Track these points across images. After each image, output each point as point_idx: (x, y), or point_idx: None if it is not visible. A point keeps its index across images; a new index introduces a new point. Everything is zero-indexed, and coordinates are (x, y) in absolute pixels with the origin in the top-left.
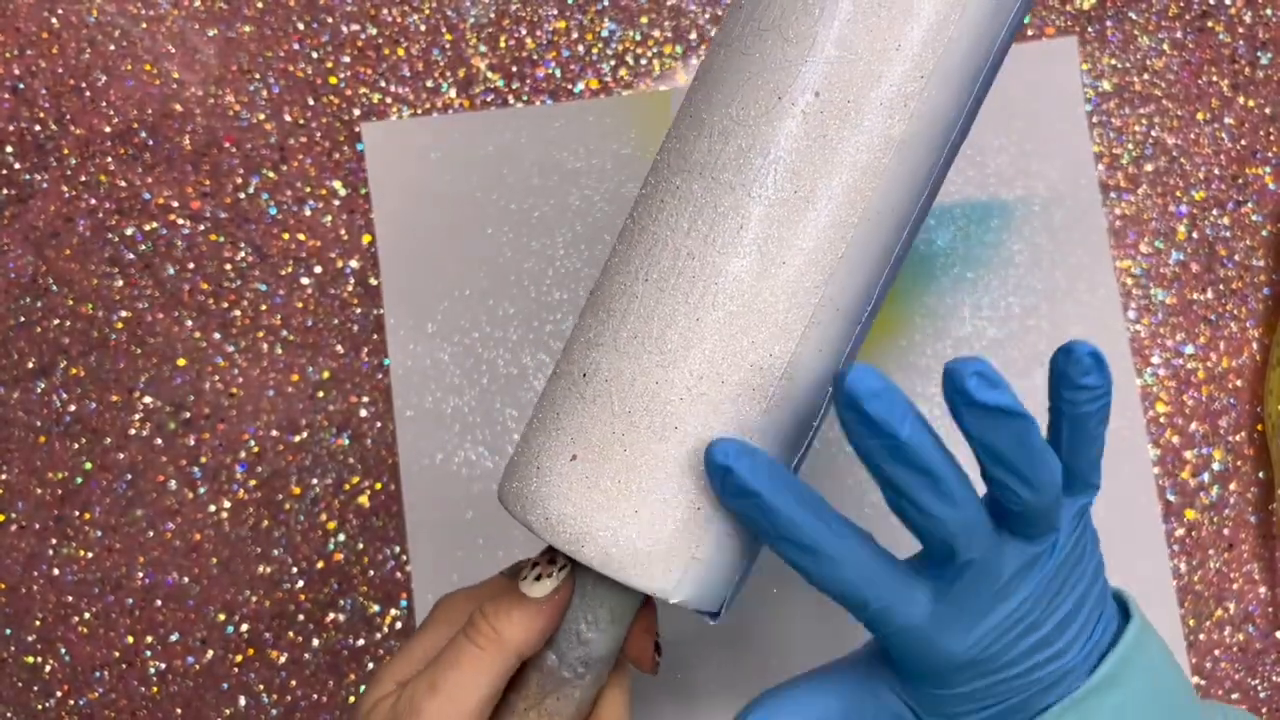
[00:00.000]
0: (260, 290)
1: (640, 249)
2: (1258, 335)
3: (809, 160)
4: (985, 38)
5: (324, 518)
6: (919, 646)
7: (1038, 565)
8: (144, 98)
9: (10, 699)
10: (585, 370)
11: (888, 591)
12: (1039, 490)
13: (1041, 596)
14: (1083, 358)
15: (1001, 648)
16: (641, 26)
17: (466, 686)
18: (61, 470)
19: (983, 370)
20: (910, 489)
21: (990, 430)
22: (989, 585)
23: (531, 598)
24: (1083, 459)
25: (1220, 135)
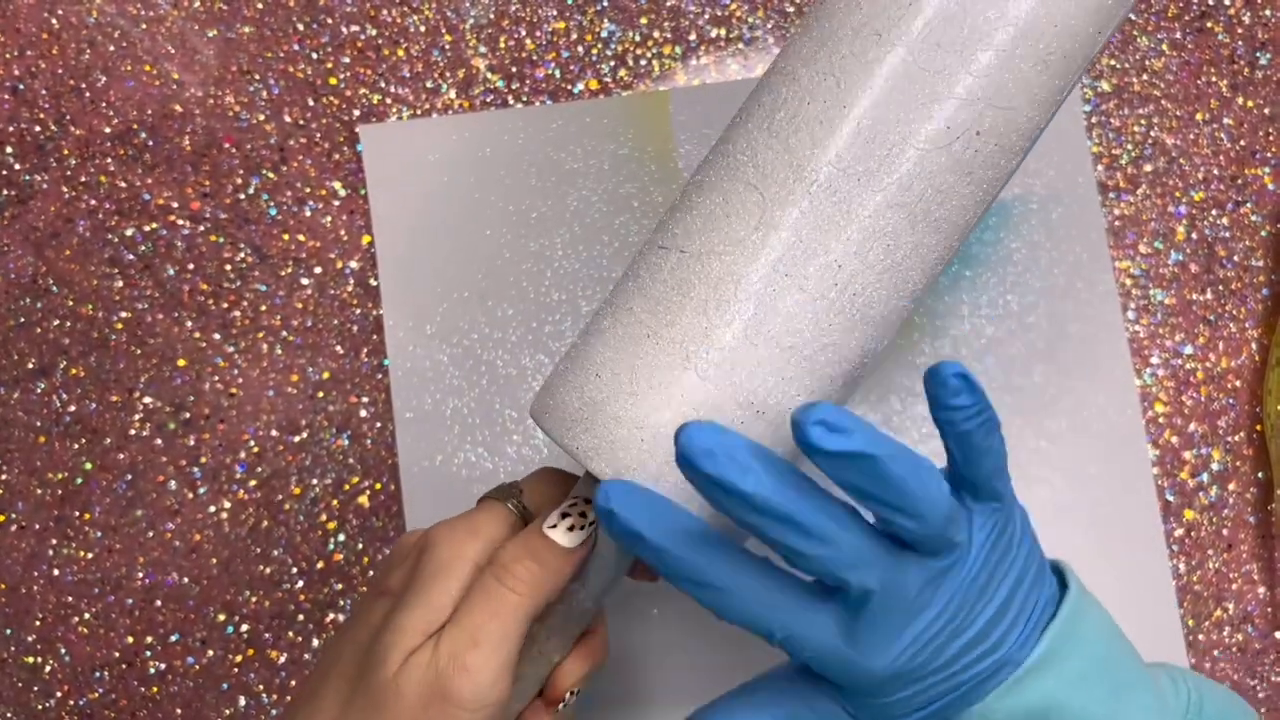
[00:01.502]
0: (260, 291)
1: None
2: (1257, 336)
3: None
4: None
5: (324, 518)
6: (838, 665)
7: (948, 577)
8: (144, 98)
9: (10, 699)
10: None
11: (791, 619)
12: (921, 518)
13: (961, 604)
14: (948, 379)
15: (928, 656)
16: (641, 27)
17: (509, 635)
18: (61, 470)
19: (825, 418)
20: (776, 536)
21: (847, 473)
22: (897, 605)
23: (564, 546)
24: (979, 471)
25: (1219, 136)
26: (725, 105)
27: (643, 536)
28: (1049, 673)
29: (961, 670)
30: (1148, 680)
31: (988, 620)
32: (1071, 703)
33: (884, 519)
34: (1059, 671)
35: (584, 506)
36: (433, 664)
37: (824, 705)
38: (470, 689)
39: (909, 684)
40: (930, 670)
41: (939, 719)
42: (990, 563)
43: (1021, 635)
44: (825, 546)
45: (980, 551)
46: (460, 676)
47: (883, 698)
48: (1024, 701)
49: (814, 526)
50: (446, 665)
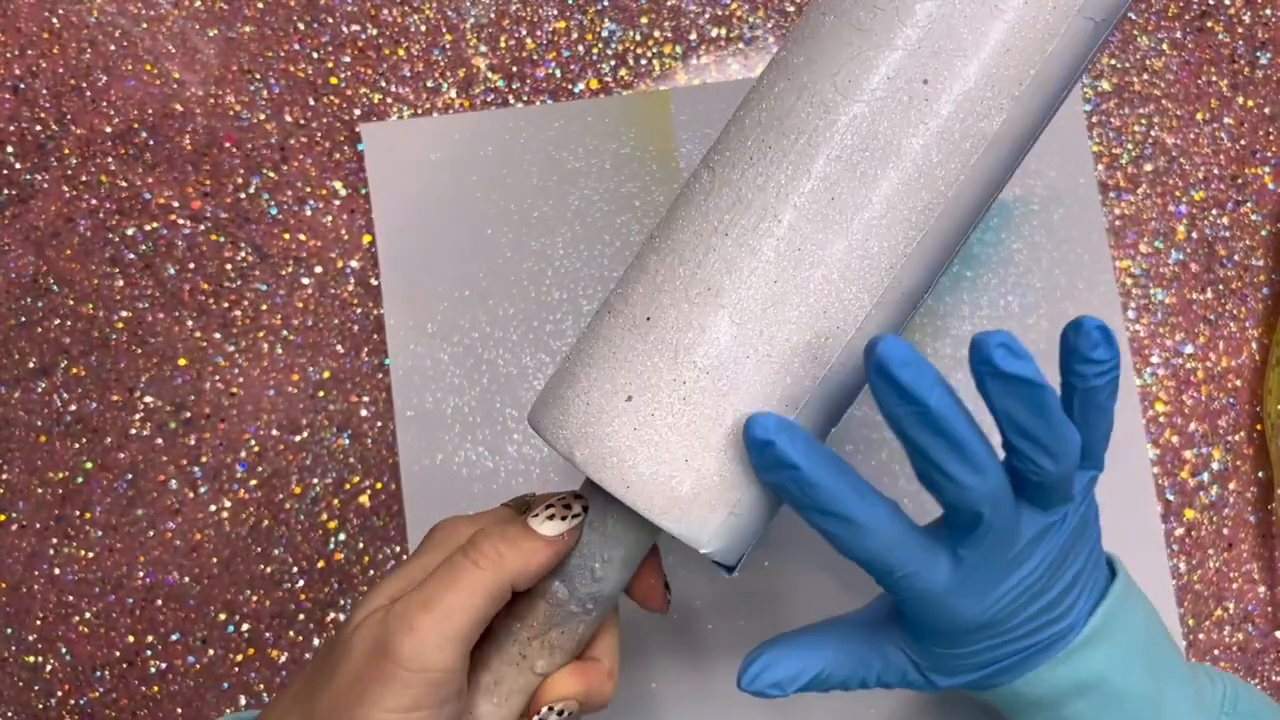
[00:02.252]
0: (261, 290)
1: (722, 202)
2: (1257, 335)
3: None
4: (1081, 53)
5: (324, 517)
6: (936, 610)
7: (1050, 534)
8: (144, 98)
9: (11, 698)
10: (650, 314)
11: (913, 559)
12: (1058, 460)
13: (1052, 564)
14: (1091, 331)
15: (1012, 611)
16: (641, 27)
17: (461, 606)
18: (62, 470)
19: (1007, 342)
20: (937, 456)
21: (1013, 399)
22: (1006, 552)
23: (540, 534)
24: (1093, 433)
25: (1219, 135)
26: (726, 105)
27: (799, 467)
28: (1098, 648)
29: (1032, 632)
30: (1186, 670)
31: (1064, 587)
32: (1116, 679)
33: (1023, 455)
34: (1107, 648)
35: (570, 499)
36: (384, 621)
37: (894, 653)
38: (411, 647)
39: (987, 637)
40: (1009, 627)
41: (990, 682)
42: (1077, 531)
43: (1084, 610)
44: (977, 475)
45: (1074, 516)
46: (403, 633)
47: (958, 648)
48: (1072, 673)
49: (974, 454)
50: (394, 622)
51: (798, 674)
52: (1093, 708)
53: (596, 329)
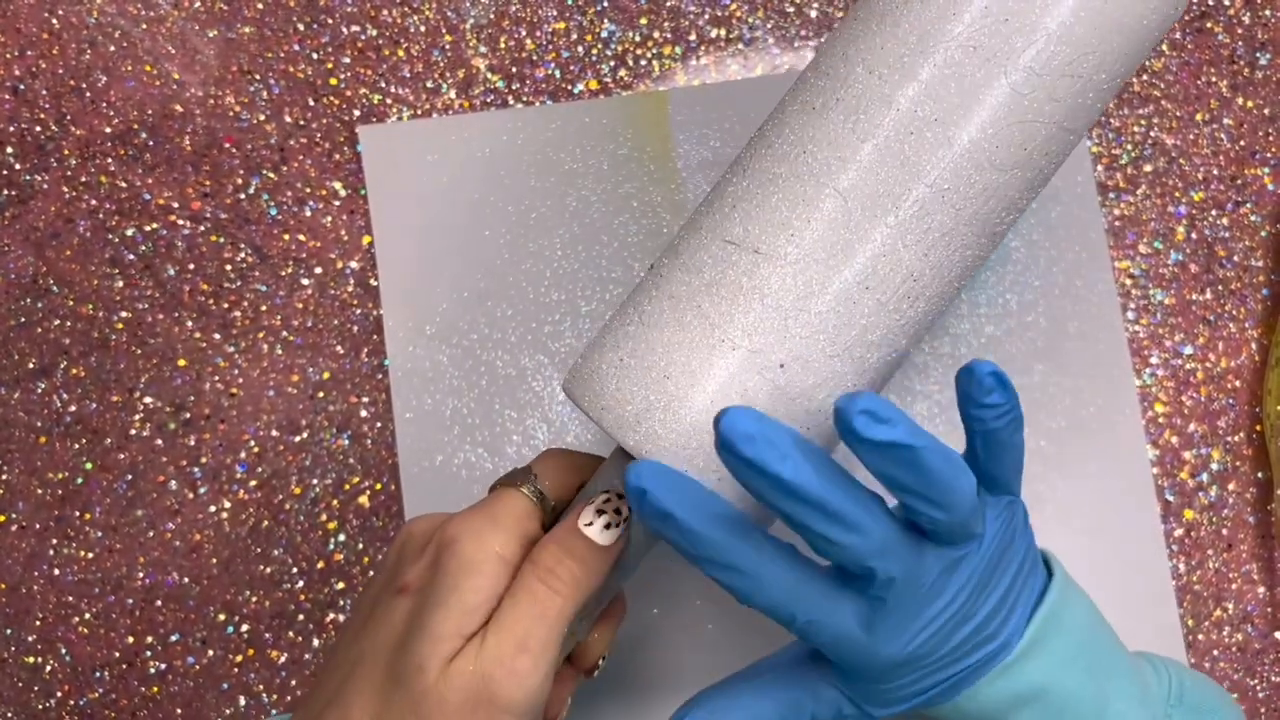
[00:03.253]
0: (260, 291)
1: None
2: (1256, 336)
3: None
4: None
5: (324, 518)
6: (852, 652)
7: (963, 565)
8: (144, 99)
9: (10, 699)
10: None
11: (813, 606)
12: (949, 510)
13: (971, 593)
14: (984, 378)
15: (935, 643)
16: (641, 28)
17: (555, 639)
18: (62, 470)
19: (869, 407)
20: (809, 523)
21: (886, 464)
22: (914, 592)
23: (600, 544)
24: (1001, 468)
25: (1219, 136)
26: (724, 105)
27: (673, 516)
28: (1036, 658)
29: (962, 657)
30: (1130, 666)
31: (990, 609)
32: (1057, 686)
33: (913, 509)
34: (1045, 657)
35: (618, 503)
36: (479, 670)
37: (825, 690)
38: (522, 694)
39: (914, 670)
40: (935, 658)
41: (931, 705)
42: (997, 554)
43: (1018, 625)
44: (855, 534)
45: (991, 543)
46: (510, 681)
47: (886, 684)
48: (1012, 686)
49: (846, 514)
50: (494, 670)
51: None
52: (1037, 718)
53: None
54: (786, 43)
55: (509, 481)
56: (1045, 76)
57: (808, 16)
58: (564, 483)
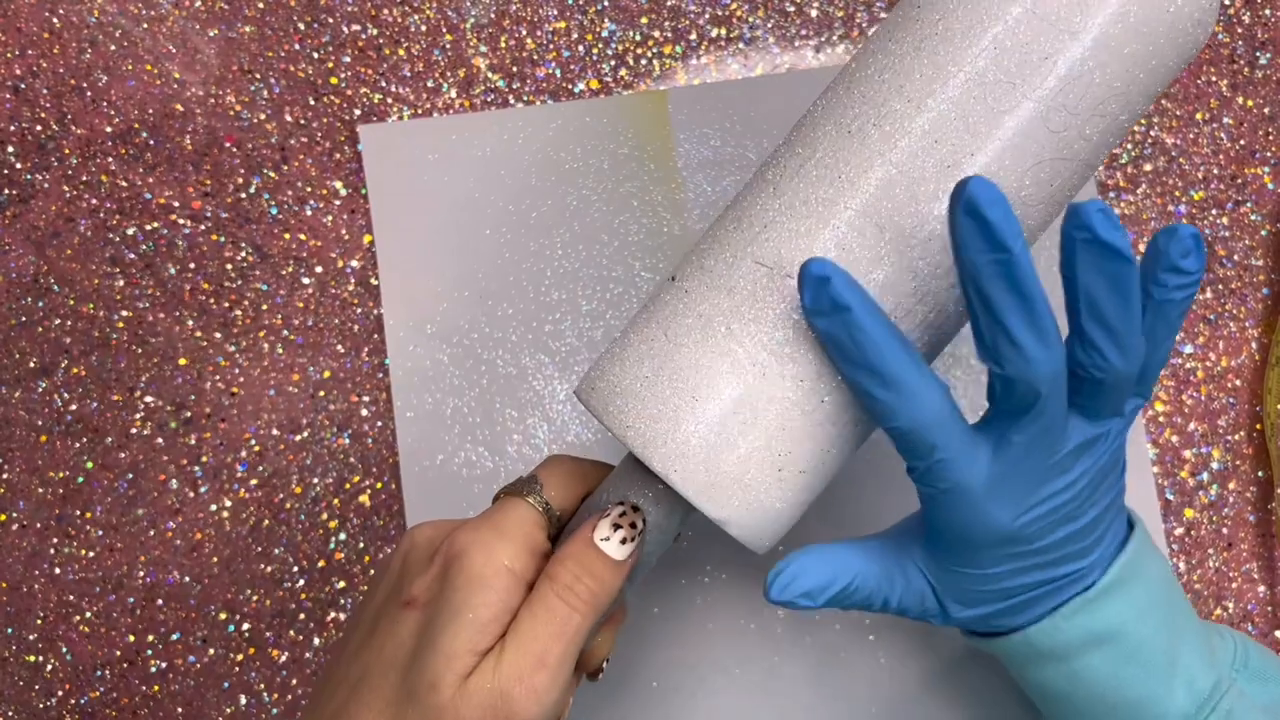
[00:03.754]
0: (261, 290)
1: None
2: (1256, 335)
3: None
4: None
5: (325, 517)
6: (967, 511)
7: (1094, 448)
8: (145, 98)
9: (11, 698)
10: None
11: (955, 441)
12: (1126, 355)
13: (1089, 484)
14: (1185, 239)
15: (1042, 529)
16: (641, 27)
17: (571, 654)
18: (63, 469)
19: (1106, 209)
20: (1009, 317)
21: (1100, 275)
22: (1048, 454)
23: (615, 559)
24: (1155, 354)
25: (1219, 135)
26: (725, 105)
27: (851, 310)
28: (1117, 598)
29: (1056, 561)
30: (1200, 626)
31: (1094, 516)
32: (1134, 630)
33: (1093, 344)
34: (1126, 599)
35: (633, 516)
36: (496, 686)
37: (916, 577)
38: (540, 710)
39: (1011, 558)
40: (1035, 549)
41: (1004, 621)
42: (1114, 460)
43: (1105, 553)
44: (1045, 348)
45: (1116, 441)
46: (529, 698)
47: (982, 566)
48: (1089, 623)
49: (1045, 322)
50: (513, 687)
51: (828, 583)
52: (1107, 661)
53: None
54: (787, 42)
55: (514, 491)
56: (1078, 115)
57: (808, 16)
58: (569, 492)
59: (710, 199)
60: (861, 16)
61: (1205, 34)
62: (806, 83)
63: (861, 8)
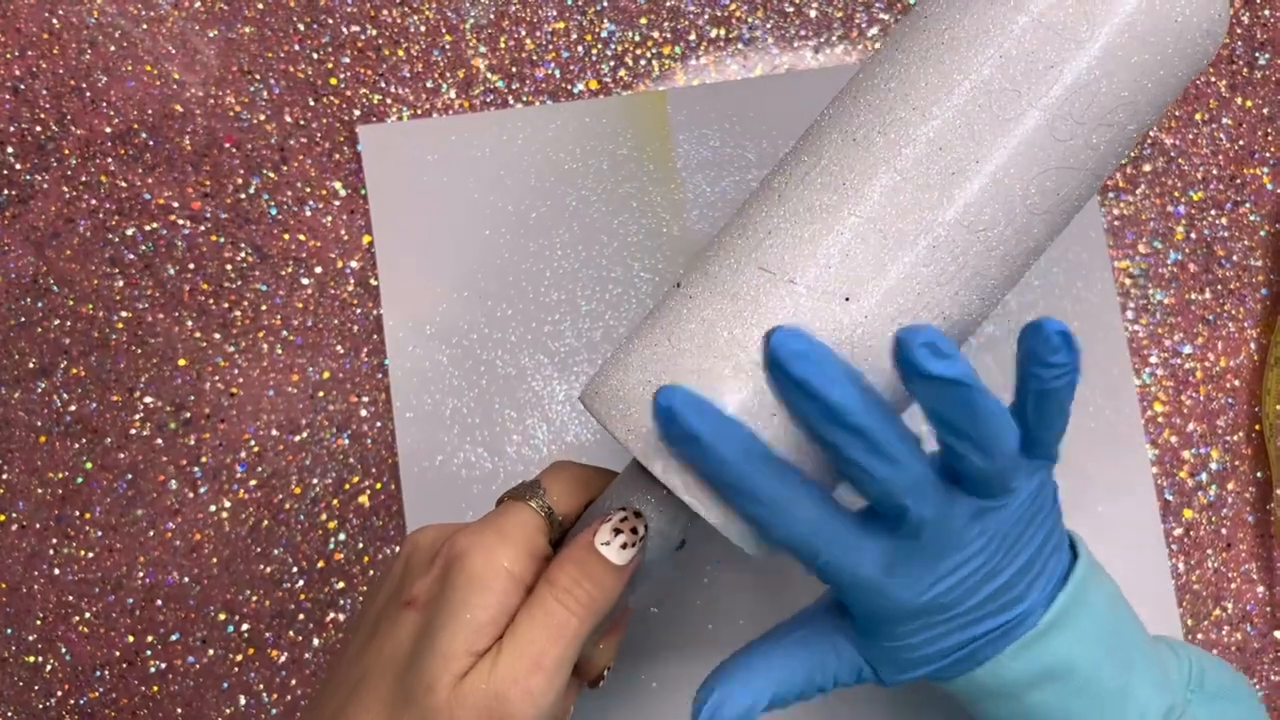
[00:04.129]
0: (260, 290)
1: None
2: (1255, 335)
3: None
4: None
5: (324, 517)
6: (871, 597)
7: (989, 517)
8: (144, 98)
9: (11, 698)
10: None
11: (838, 545)
12: (992, 456)
13: (998, 549)
14: (1051, 335)
15: (958, 595)
16: (641, 27)
17: (568, 658)
18: (62, 470)
19: (932, 340)
20: (849, 451)
21: (940, 400)
22: (941, 538)
23: (616, 564)
24: (1047, 430)
25: (1218, 136)
26: (724, 105)
27: (700, 440)
28: (1061, 634)
29: (984, 618)
30: (1152, 650)
31: (1016, 570)
32: (1080, 664)
33: (954, 452)
34: (1070, 633)
35: (635, 521)
36: (491, 688)
37: (847, 649)
38: (535, 712)
39: (934, 624)
40: (957, 613)
41: (947, 673)
42: (1028, 515)
43: (1043, 594)
44: (893, 468)
45: (1023, 503)
46: (524, 701)
47: (906, 638)
48: (1035, 661)
49: (887, 446)
50: (508, 689)
51: (755, 701)
52: (1057, 696)
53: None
54: (786, 43)
55: (517, 495)
56: (1084, 124)
57: (807, 16)
58: (573, 498)
59: (709, 199)
60: (861, 17)
61: (1215, 44)
62: (806, 83)
63: (861, 8)
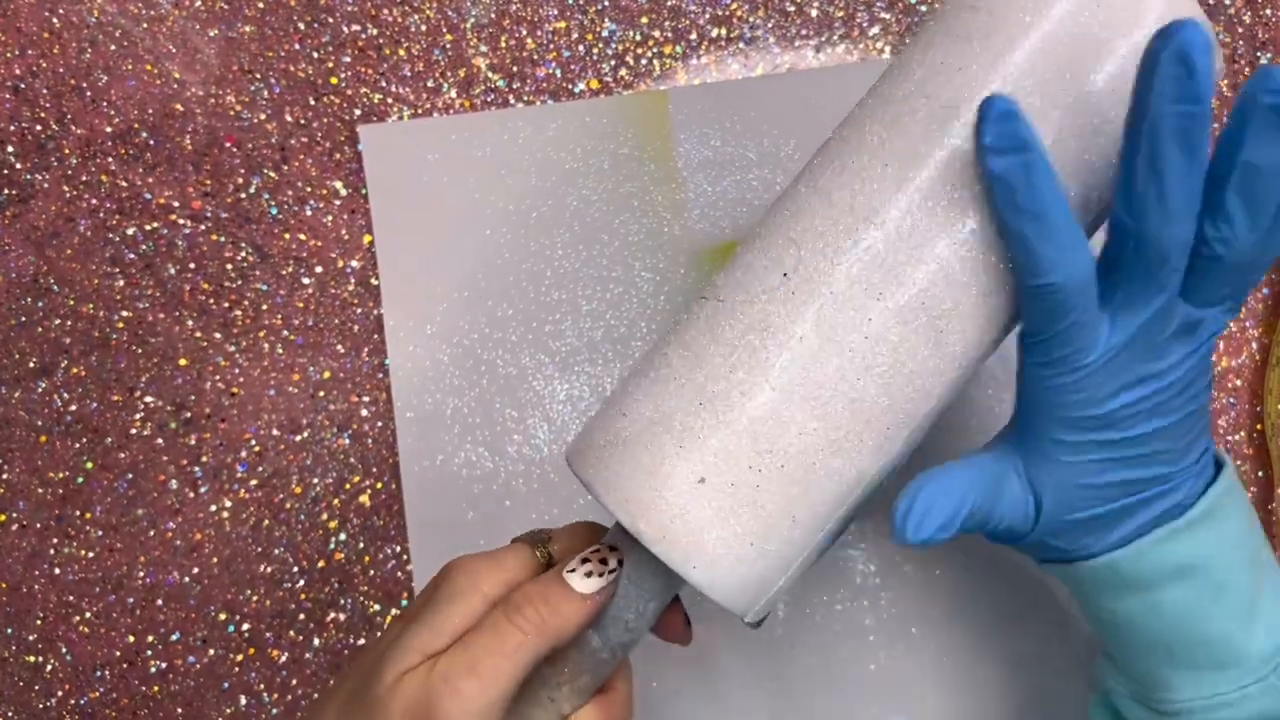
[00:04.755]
0: (261, 290)
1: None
2: (1257, 335)
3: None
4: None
5: (325, 517)
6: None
7: (1193, 335)
8: (145, 98)
9: (11, 698)
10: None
11: (1091, 308)
12: (1255, 227)
13: (1182, 376)
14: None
15: (1134, 415)
16: (641, 27)
17: (507, 672)
18: (63, 470)
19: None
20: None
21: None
22: (1157, 333)
23: (579, 592)
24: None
25: None
26: (725, 105)
27: (1033, 149)
28: (1207, 530)
29: (1147, 459)
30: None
31: (1183, 417)
32: (1220, 565)
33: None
34: (1216, 532)
35: (606, 554)
36: (425, 683)
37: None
38: (459, 712)
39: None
40: (1126, 438)
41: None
42: (1204, 364)
43: (1194, 469)
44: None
45: (1209, 343)
46: (450, 698)
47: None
48: (1178, 551)
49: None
50: (438, 685)
51: (955, 512)
52: (1189, 594)
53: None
54: (787, 42)
55: (525, 538)
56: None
57: (808, 16)
58: (575, 549)
59: (710, 199)
60: (862, 16)
61: None
62: (807, 83)
63: (862, 8)
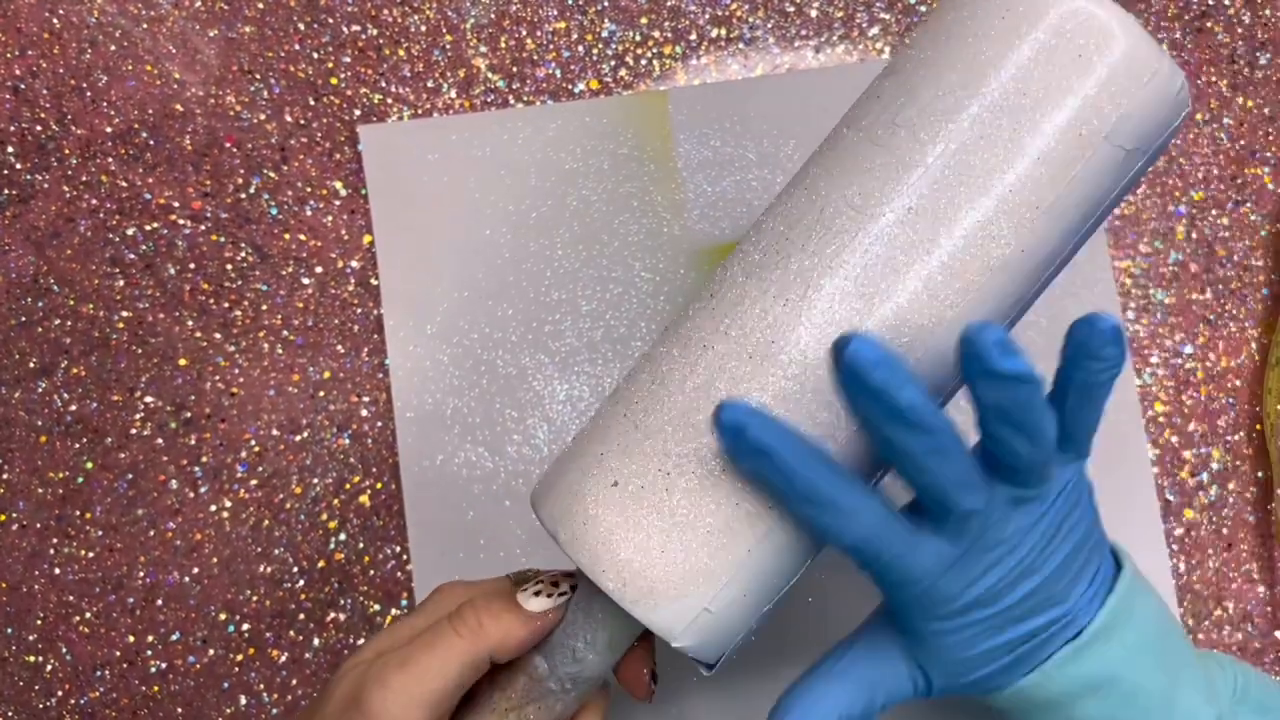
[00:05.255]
0: (261, 290)
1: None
2: (1256, 335)
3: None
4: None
5: (325, 517)
6: (924, 593)
7: (1031, 509)
8: (145, 98)
9: (11, 698)
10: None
11: (899, 544)
12: (1038, 446)
13: (1037, 542)
14: (1106, 330)
15: (998, 590)
16: (641, 27)
17: (435, 670)
18: (63, 470)
19: (1001, 340)
20: (914, 448)
21: (1004, 395)
22: (986, 530)
23: (524, 609)
24: (1083, 426)
25: (1219, 135)
26: (725, 105)
27: (771, 453)
28: (1109, 643)
29: (1028, 615)
30: (1198, 661)
31: (1056, 567)
32: (1129, 675)
33: (1000, 440)
34: (1117, 643)
35: (560, 578)
36: (362, 674)
37: (900, 664)
38: (380, 703)
39: (981, 621)
40: (1002, 607)
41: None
42: (1063, 510)
43: (1086, 595)
44: (949, 463)
45: (1059, 496)
46: (376, 689)
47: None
48: (1083, 671)
49: (947, 444)
50: (370, 679)
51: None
52: (1105, 707)
53: (595, 420)
54: (787, 42)
55: (514, 575)
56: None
57: (808, 16)
58: None
59: (710, 199)
60: (861, 17)
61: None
62: (807, 83)
63: (861, 8)
